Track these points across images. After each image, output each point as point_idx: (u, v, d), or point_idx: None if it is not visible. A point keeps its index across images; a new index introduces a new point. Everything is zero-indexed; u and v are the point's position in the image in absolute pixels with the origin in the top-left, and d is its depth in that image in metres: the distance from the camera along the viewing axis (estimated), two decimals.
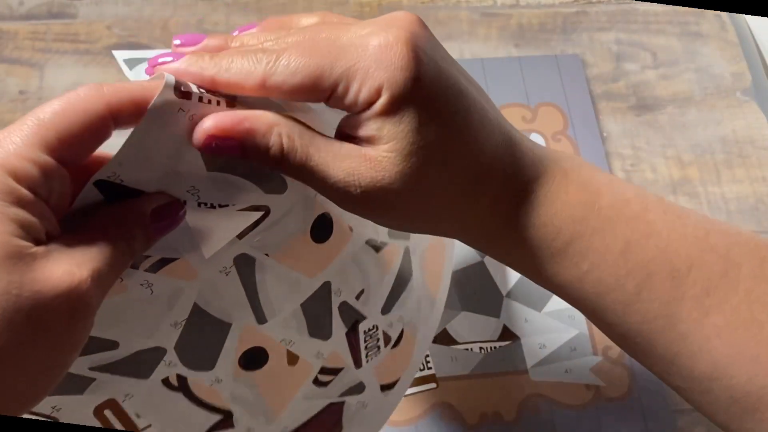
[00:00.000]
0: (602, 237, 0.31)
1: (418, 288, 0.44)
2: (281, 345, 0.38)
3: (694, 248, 0.31)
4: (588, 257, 0.32)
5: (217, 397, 0.37)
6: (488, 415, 0.52)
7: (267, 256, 0.36)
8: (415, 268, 0.44)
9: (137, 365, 0.33)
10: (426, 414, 0.52)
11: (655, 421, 0.52)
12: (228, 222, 0.32)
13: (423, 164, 0.29)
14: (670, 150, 0.64)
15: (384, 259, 0.41)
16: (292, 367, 0.39)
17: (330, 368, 0.41)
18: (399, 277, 0.42)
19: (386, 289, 0.42)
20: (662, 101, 0.67)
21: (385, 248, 0.41)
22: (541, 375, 0.53)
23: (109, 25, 0.68)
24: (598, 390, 0.53)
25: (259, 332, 0.37)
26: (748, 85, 0.68)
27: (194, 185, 0.30)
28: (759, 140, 0.65)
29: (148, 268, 0.31)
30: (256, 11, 0.69)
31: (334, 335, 0.40)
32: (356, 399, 0.42)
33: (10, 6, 0.68)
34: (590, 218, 0.32)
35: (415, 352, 0.45)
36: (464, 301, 0.55)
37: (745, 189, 0.63)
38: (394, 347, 0.43)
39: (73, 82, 0.64)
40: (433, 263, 0.46)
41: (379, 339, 0.43)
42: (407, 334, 0.44)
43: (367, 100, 0.29)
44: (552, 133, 0.62)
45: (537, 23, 0.70)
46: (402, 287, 0.43)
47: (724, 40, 0.70)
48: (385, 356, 0.43)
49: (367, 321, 0.41)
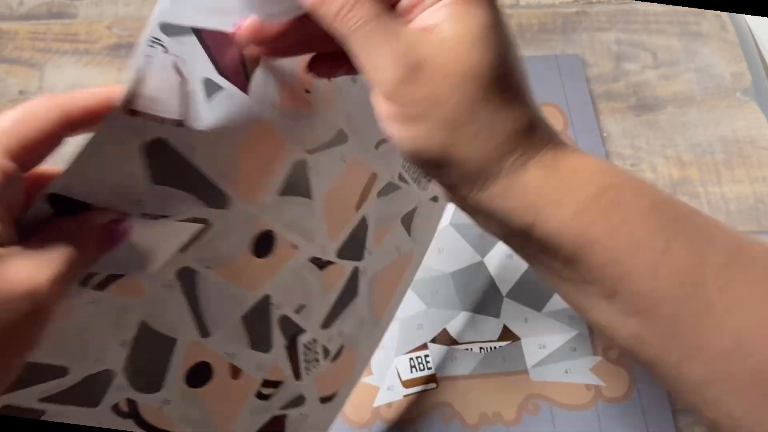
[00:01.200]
0: (633, 191, 0.31)
1: (362, 308, 0.45)
2: (224, 359, 0.39)
3: (711, 222, 0.31)
4: (620, 208, 0.31)
5: (167, 421, 0.37)
6: (488, 415, 0.52)
7: (209, 269, 0.36)
8: (362, 289, 0.45)
9: (87, 392, 0.33)
10: (426, 414, 0.52)
11: (655, 421, 0.52)
12: (170, 233, 0.33)
13: (489, 54, 0.31)
14: (670, 150, 0.64)
15: (328, 277, 0.42)
16: (235, 381, 0.40)
17: (271, 381, 0.42)
18: (343, 295, 0.44)
19: (327, 305, 0.43)
20: (662, 101, 0.67)
21: (330, 267, 0.42)
22: (541, 375, 0.53)
23: (109, 25, 0.68)
24: (598, 390, 0.53)
25: (203, 346, 0.37)
26: (748, 85, 0.68)
27: (140, 198, 0.30)
28: (759, 140, 0.65)
29: (96, 286, 0.31)
30: None
31: (275, 348, 0.41)
32: (298, 411, 0.43)
33: (10, 6, 0.68)
34: (618, 172, 0.32)
35: (355, 366, 0.46)
36: (464, 301, 0.55)
37: (745, 189, 0.63)
38: (333, 360, 0.44)
39: (73, 82, 0.64)
40: (385, 284, 0.47)
41: (318, 352, 0.44)
42: (347, 349, 0.45)
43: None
44: None
45: (537, 23, 0.70)
46: (344, 305, 0.44)
47: (724, 40, 0.70)
48: (325, 369, 0.44)
49: (306, 334, 0.42)
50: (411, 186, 0.47)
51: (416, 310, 0.55)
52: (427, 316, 0.55)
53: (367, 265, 0.45)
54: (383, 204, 0.45)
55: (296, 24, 0.34)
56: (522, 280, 0.56)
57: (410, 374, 0.53)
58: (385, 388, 0.52)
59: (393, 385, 0.52)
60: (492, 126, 0.31)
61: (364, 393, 0.52)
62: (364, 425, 0.51)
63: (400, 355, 0.53)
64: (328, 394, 0.45)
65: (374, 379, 0.53)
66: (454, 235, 0.58)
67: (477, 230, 0.57)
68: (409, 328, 0.54)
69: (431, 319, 0.55)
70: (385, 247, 0.46)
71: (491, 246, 0.58)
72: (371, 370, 0.53)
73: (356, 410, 0.51)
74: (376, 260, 0.45)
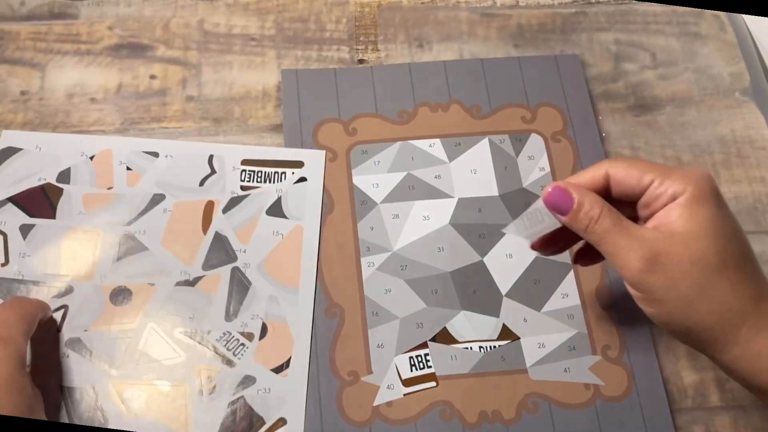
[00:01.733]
0: None
1: (263, 289, 0.56)
2: (151, 383, 0.53)
3: None
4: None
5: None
6: (488, 414, 0.52)
7: (86, 331, 0.54)
8: (253, 278, 0.56)
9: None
10: (426, 412, 0.52)
11: (654, 419, 0.52)
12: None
13: (714, 243, 0.40)
14: (668, 150, 0.65)
15: (205, 286, 0.56)
16: (175, 388, 0.52)
17: (206, 377, 0.53)
18: (233, 290, 0.55)
19: (222, 303, 0.55)
20: (661, 101, 0.67)
21: (203, 279, 0.56)
22: (541, 374, 0.53)
23: (111, 26, 0.68)
24: (597, 389, 0.53)
25: (128, 381, 0.53)
26: (746, 85, 0.68)
27: None
28: (757, 140, 0.65)
29: None
30: (256, 12, 0.70)
31: (188, 354, 0.53)
32: (254, 389, 0.52)
33: (11, 6, 0.69)
34: None
35: (296, 334, 0.54)
36: (464, 300, 0.56)
37: (744, 189, 0.63)
38: (262, 338, 0.54)
39: (74, 83, 0.65)
40: (283, 261, 0.57)
41: (238, 339, 0.54)
42: (272, 324, 0.54)
43: (673, 193, 0.41)
44: (551, 133, 0.63)
45: (536, 24, 0.70)
46: (242, 295, 0.55)
47: (722, 40, 0.70)
48: (256, 347, 0.54)
49: (213, 332, 0.54)
50: (264, 186, 0.59)
51: (416, 309, 0.55)
52: (427, 315, 0.55)
53: (248, 260, 0.56)
54: (234, 214, 0.58)
55: (558, 232, 0.45)
56: (521, 279, 0.57)
57: (410, 373, 0.53)
58: (385, 386, 0.53)
59: (393, 384, 0.53)
60: (722, 303, 0.39)
61: (364, 392, 0.52)
62: (365, 424, 0.51)
63: (399, 354, 0.54)
64: (279, 363, 0.53)
65: (374, 378, 0.53)
66: (453, 235, 0.58)
67: (476, 229, 0.58)
68: (409, 327, 0.54)
69: (431, 318, 0.55)
70: (260, 238, 0.57)
71: (491, 245, 0.58)
72: (371, 369, 0.53)
73: (356, 409, 0.52)
74: (256, 252, 0.57)
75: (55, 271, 0.55)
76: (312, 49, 0.68)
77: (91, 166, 0.60)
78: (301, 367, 0.53)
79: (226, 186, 0.59)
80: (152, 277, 0.56)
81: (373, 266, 0.57)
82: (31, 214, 0.57)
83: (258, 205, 0.59)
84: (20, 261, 0.56)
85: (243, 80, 0.66)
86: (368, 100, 0.63)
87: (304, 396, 0.52)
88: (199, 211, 0.58)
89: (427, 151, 0.61)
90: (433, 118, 0.63)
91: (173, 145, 0.61)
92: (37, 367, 0.52)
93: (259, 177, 0.60)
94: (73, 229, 0.57)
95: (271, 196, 0.59)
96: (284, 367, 0.53)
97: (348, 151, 0.61)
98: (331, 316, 0.55)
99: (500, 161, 0.61)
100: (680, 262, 0.39)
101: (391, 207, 0.59)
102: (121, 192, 0.58)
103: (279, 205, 0.59)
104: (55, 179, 0.59)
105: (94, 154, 0.60)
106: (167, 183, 0.59)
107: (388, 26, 0.69)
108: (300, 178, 0.60)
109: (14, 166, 0.59)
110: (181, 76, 0.66)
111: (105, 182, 0.59)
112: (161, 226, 0.57)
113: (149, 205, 0.58)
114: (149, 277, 0.56)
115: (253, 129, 0.63)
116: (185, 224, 0.58)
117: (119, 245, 0.57)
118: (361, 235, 0.58)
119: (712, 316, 0.39)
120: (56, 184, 0.59)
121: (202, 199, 0.59)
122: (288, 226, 0.58)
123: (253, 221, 0.58)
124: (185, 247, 0.57)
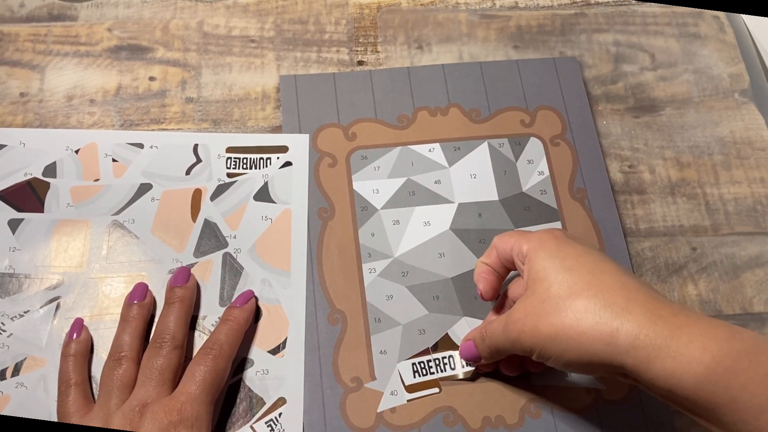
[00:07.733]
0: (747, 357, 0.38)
1: (255, 273, 0.57)
2: None
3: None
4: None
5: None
6: (491, 419, 0.52)
7: None
8: (245, 262, 0.57)
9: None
10: (429, 418, 0.52)
11: (655, 423, 0.53)
12: None
13: (561, 278, 0.44)
14: (668, 151, 0.65)
15: (197, 272, 0.56)
16: None
17: None
18: (226, 275, 0.57)
19: (216, 289, 0.56)
20: (661, 102, 0.67)
21: (195, 265, 0.57)
22: (543, 379, 0.54)
23: (110, 28, 0.68)
24: (599, 393, 0.54)
25: None
26: (746, 86, 0.68)
27: None
28: (757, 141, 0.65)
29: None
30: (255, 14, 0.69)
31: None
32: (252, 371, 0.53)
33: (10, 8, 0.68)
34: None
35: (291, 315, 0.55)
36: (465, 306, 0.56)
37: (743, 190, 0.63)
38: (257, 322, 0.55)
39: (73, 85, 0.64)
40: (273, 245, 0.58)
41: None
42: (267, 306, 0.56)
43: (526, 251, 0.47)
44: (550, 137, 0.63)
45: (536, 25, 0.70)
46: (235, 280, 0.56)
47: (722, 41, 0.70)
48: (252, 330, 0.55)
49: (209, 317, 0.55)
50: (250, 172, 0.60)
51: (418, 315, 0.55)
52: (429, 321, 0.55)
53: (239, 245, 0.58)
54: (222, 201, 0.59)
55: None
56: None
57: (413, 379, 0.53)
58: (389, 393, 0.53)
59: (396, 390, 0.53)
60: (592, 326, 0.41)
61: (367, 398, 0.53)
62: (369, 430, 0.52)
63: (402, 361, 0.54)
64: (275, 345, 0.54)
65: (377, 384, 0.53)
66: (454, 240, 0.58)
67: (477, 235, 0.58)
68: (411, 333, 0.55)
69: (433, 324, 0.55)
70: (249, 223, 0.58)
71: None
72: (374, 376, 0.53)
73: (360, 415, 0.52)
74: (246, 237, 0.58)
75: (47, 263, 0.56)
76: (311, 51, 0.68)
77: (77, 159, 0.60)
78: (297, 347, 0.54)
79: (212, 174, 0.60)
80: (144, 266, 0.57)
81: (375, 272, 0.57)
82: (19, 209, 0.58)
83: (245, 191, 0.60)
84: (10, 255, 0.56)
85: (242, 82, 0.66)
86: (367, 105, 0.63)
87: (302, 375, 0.53)
88: (187, 199, 0.59)
89: (427, 155, 0.61)
90: (432, 123, 0.63)
91: (157, 135, 0.62)
92: None
93: (244, 163, 0.61)
94: (62, 221, 0.58)
95: (258, 182, 0.60)
96: (281, 348, 0.54)
97: (348, 156, 0.61)
98: (333, 323, 0.55)
99: (500, 165, 0.61)
100: (532, 304, 0.44)
101: (391, 213, 0.59)
102: (109, 183, 0.59)
103: (266, 190, 0.60)
104: (41, 173, 0.59)
105: (79, 148, 0.61)
106: (153, 173, 0.60)
107: (387, 28, 0.69)
108: (285, 163, 0.61)
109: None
110: (181, 77, 0.65)
111: (91, 174, 0.60)
112: (150, 215, 0.58)
113: (137, 194, 0.59)
114: (142, 266, 0.57)
115: (252, 131, 0.63)
116: (174, 212, 0.59)
117: (108, 234, 0.57)
118: (362, 241, 0.58)
119: (595, 343, 0.41)
120: (42, 178, 0.59)
121: (189, 188, 0.60)
122: (276, 210, 0.59)
123: (242, 207, 0.59)
124: (175, 235, 0.58)
